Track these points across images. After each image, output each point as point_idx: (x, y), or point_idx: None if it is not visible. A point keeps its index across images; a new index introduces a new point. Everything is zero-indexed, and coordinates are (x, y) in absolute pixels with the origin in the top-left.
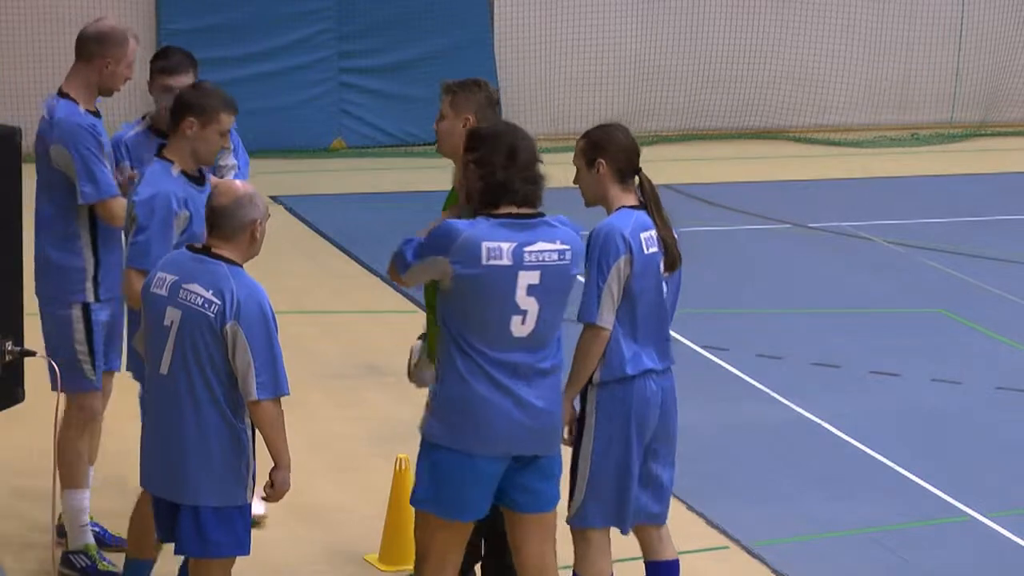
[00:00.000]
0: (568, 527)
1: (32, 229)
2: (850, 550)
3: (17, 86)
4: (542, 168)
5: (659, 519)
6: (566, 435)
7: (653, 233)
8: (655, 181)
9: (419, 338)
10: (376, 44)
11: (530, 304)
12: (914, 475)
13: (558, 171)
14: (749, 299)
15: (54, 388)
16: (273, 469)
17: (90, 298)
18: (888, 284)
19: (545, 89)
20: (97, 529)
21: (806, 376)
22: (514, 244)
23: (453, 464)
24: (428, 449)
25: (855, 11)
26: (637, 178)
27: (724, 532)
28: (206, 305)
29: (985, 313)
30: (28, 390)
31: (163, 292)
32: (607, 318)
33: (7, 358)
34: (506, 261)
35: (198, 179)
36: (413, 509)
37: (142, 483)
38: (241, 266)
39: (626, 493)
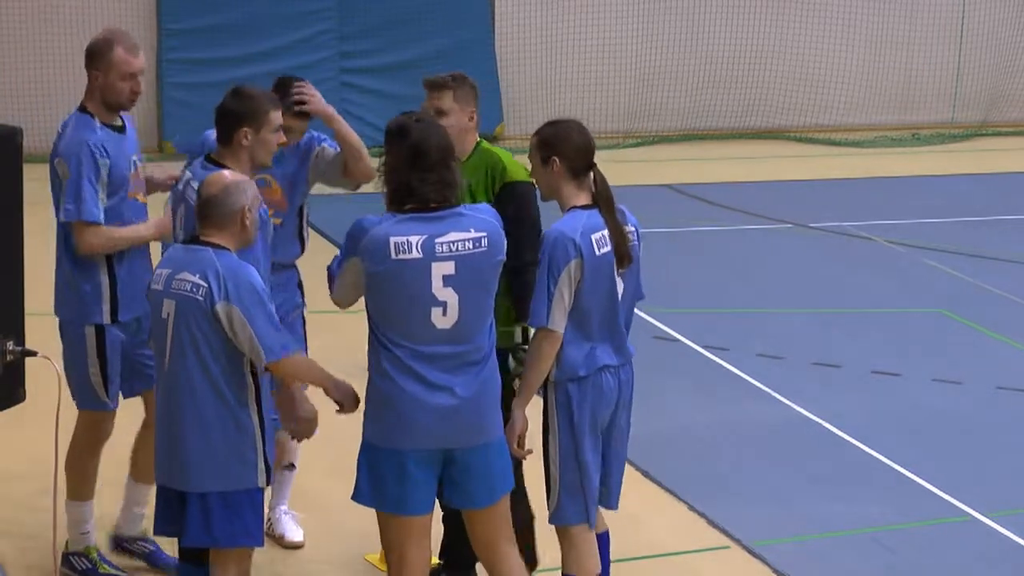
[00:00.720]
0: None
1: (32, 231)
2: (850, 550)
3: (17, 86)
4: (455, 166)
5: (611, 507)
6: (515, 448)
7: (605, 233)
8: (657, 181)
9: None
10: (377, 44)
11: (448, 295)
12: (914, 475)
13: None
14: (750, 299)
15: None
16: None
17: (105, 320)
18: (889, 284)
19: (546, 89)
20: (152, 547)
21: (807, 376)
22: (423, 237)
23: (385, 461)
24: (363, 447)
25: (856, 11)
26: (592, 175)
27: (724, 532)
28: (194, 290)
29: (986, 313)
30: (29, 390)
31: (160, 286)
32: (559, 321)
33: (8, 358)
34: (416, 254)
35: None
36: None
37: (155, 478)
38: (229, 251)
39: (592, 487)
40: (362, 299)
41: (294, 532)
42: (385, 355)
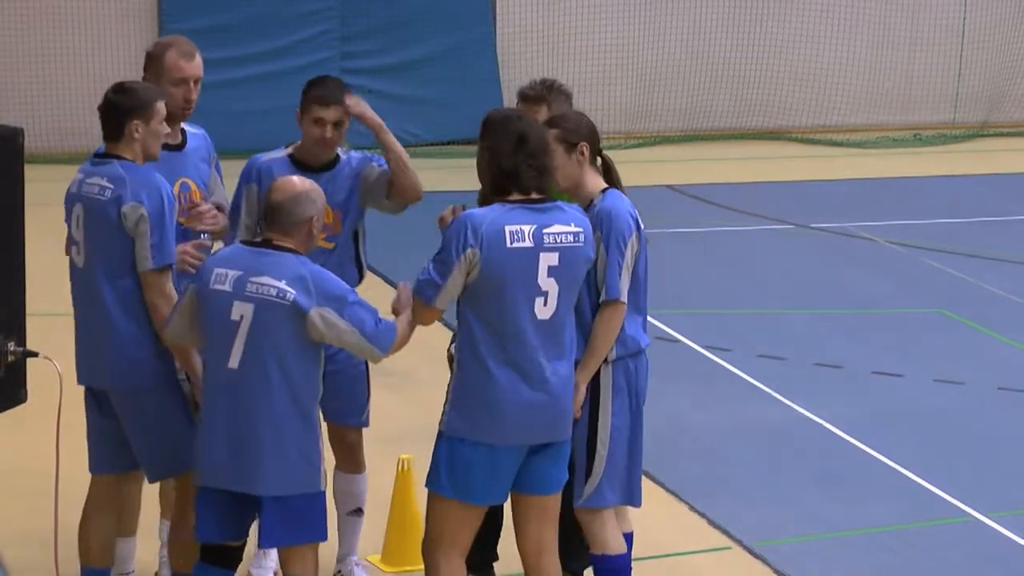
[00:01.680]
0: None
1: (32, 230)
2: (851, 550)
3: (19, 86)
4: (551, 158)
5: (638, 504)
6: (576, 416)
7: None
8: (658, 182)
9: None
10: (378, 45)
11: (551, 285)
12: (916, 475)
13: None
14: (751, 299)
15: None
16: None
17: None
18: (890, 284)
19: None
20: None
21: (808, 376)
22: (534, 226)
23: (473, 455)
24: (447, 439)
25: (858, 12)
26: (600, 160)
27: (726, 532)
28: (280, 295)
29: (987, 313)
30: (31, 391)
31: (227, 287)
32: (626, 294)
33: (10, 359)
34: (528, 243)
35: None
36: (415, 509)
37: (203, 481)
38: (306, 256)
39: (638, 467)
40: None
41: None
42: (484, 346)
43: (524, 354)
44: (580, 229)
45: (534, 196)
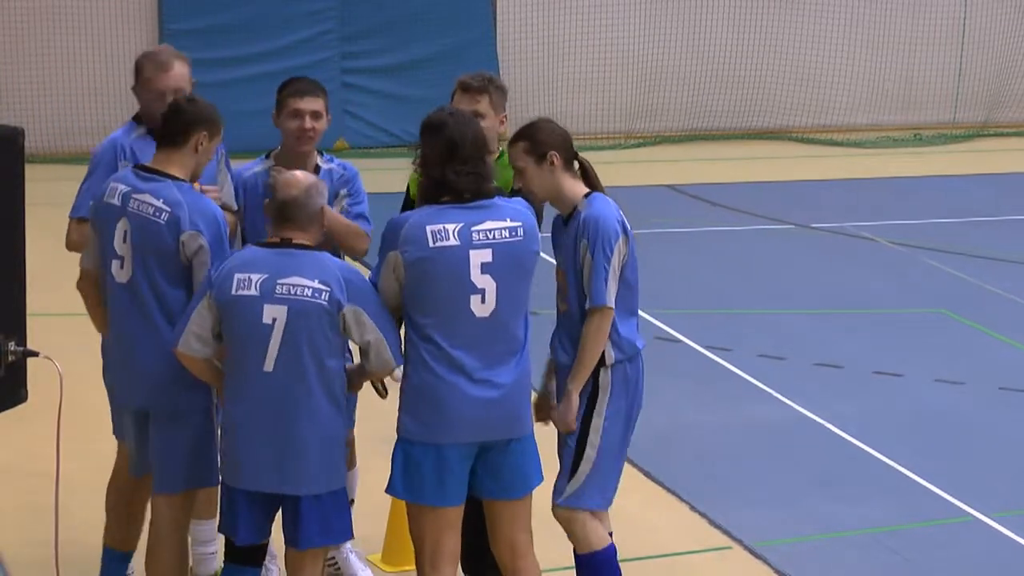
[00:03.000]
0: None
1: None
2: (852, 550)
3: (19, 86)
4: (489, 160)
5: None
6: (565, 425)
7: None
8: (658, 181)
9: None
10: (379, 45)
11: (486, 282)
12: (916, 475)
13: None
14: (752, 299)
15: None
16: None
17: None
18: (891, 284)
19: (548, 89)
20: None
21: (808, 376)
22: (460, 224)
23: (423, 455)
24: (400, 441)
25: (858, 11)
26: (577, 163)
27: (726, 532)
28: (316, 295)
29: (988, 313)
30: (31, 390)
31: (255, 292)
32: (613, 299)
33: (10, 358)
34: (453, 241)
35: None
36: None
37: (240, 483)
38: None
39: (620, 471)
40: None
41: (365, 572)
42: (425, 347)
43: (465, 352)
44: (518, 223)
45: (466, 196)
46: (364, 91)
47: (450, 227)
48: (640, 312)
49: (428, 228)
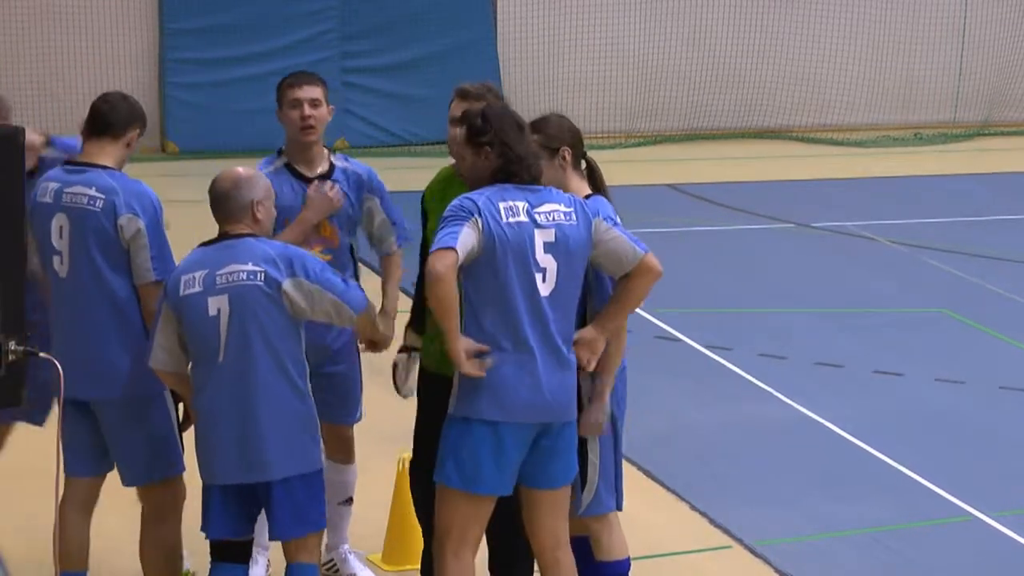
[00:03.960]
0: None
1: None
2: (852, 549)
3: (19, 85)
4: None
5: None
6: (598, 428)
7: None
8: (659, 181)
9: (401, 351)
10: (379, 44)
11: (548, 262)
12: (916, 474)
13: None
14: (752, 299)
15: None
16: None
17: None
18: (891, 284)
19: (548, 89)
20: None
21: (809, 376)
22: (526, 203)
23: (476, 435)
24: (452, 423)
25: (858, 11)
26: (584, 163)
27: (727, 531)
28: (252, 277)
29: (988, 313)
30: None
31: (198, 288)
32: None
33: (11, 358)
34: (523, 217)
35: None
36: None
37: (214, 480)
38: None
39: (621, 468)
40: None
41: (364, 572)
42: (489, 322)
43: (526, 330)
44: (571, 209)
45: (526, 180)
46: (365, 90)
47: (519, 204)
48: (640, 311)
49: (501, 204)
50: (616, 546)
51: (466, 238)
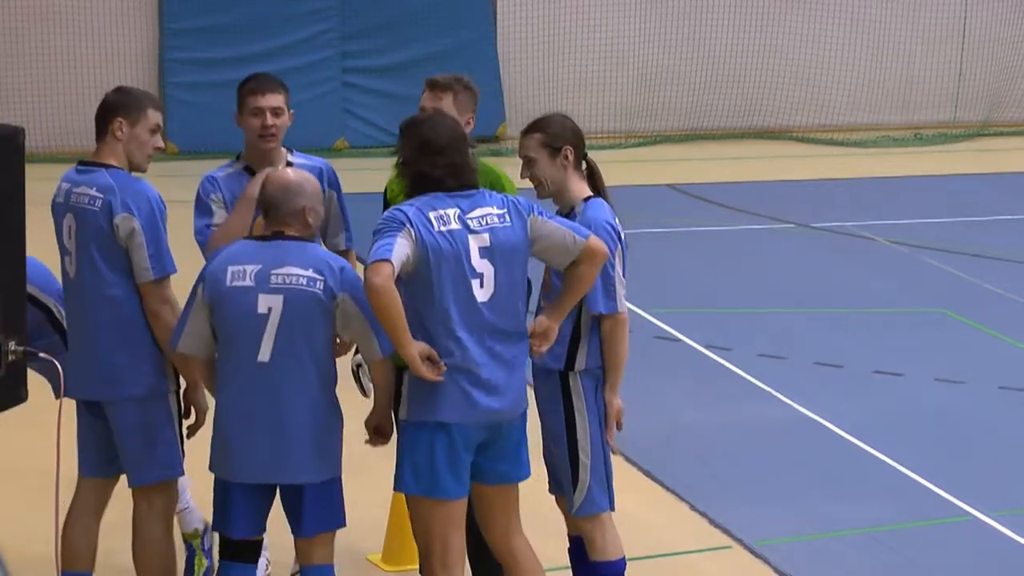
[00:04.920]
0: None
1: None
2: (852, 549)
3: (19, 85)
4: (468, 152)
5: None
6: (611, 434)
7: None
8: (659, 181)
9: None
10: (379, 44)
11: (485, 267)
12: (916, 474)
13: None
14: (752, 299)
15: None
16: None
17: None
18: (890, 284)
19: (548, 89)
20: None
21: (809, 376)
22: (457, 210)
23: (430, 439)
24: (404, 430)
25: (858, 11)
26: (585, 164)
27: (726, 531)
28: (311, 283)
29: (988, 313)
30: (31, 390)
31: (250, 283)
32: (624, 304)
33: (11, 358)
34: (455, 225)
35: None
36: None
37: (239, 477)
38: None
39: (611, 472)
40: None
41: None
42: (432, 329)
43: (467, 336)
44: (504, 210)
45: (450, 185)
46: (364, 90)
47: (450, 212)
48: (640, 311)
49: (431, 214)
50: (611, 546)
51: (400, 249)
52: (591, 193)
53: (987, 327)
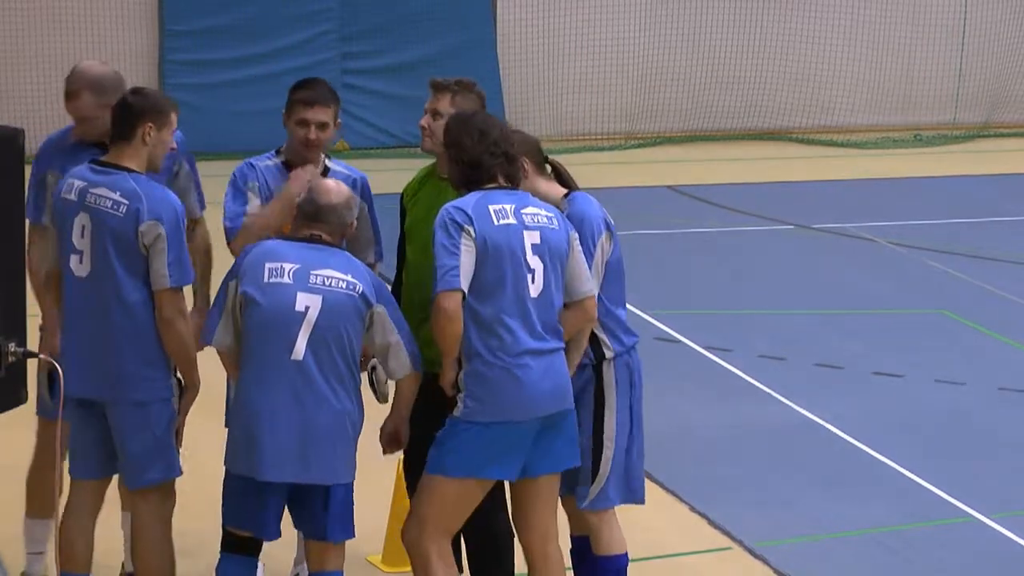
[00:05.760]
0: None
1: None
2: (852, 551)
3: (20, 87)
4: (514, 147)
5: (642, 500)
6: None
7: None
8: (659, 182)
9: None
10: (379, 45)
11: (536, 263)
12: (916, 476)
13: None
14: (752, 300)
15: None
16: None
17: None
18: (890, 285)
19: (548, 90)
20: None
21: (809, 377)
22: (513, 205)
23: (494, 435)
24: (456, 425)
25: (858, 12)
26: (548, 165)
27: (727, 533)
28: (350, 288)
29: (988, 314)
30: (31, 391)
31: (288, 280)
32: (596, 290)
33: (10, 359)
34: (512, 219)
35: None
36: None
37: (263, 476)
38: None
39: (640, 463)
40: None
41: None
42: (487, 335)
43: (521, 329)
44: (552, 214)
45: (504, 183)
46: (364, 92)
47: (507, 207)
48: (640, 313)
49: (491, 207)
50: (615, 541)
51: (466, 267)
52: (564, 190)
53: (987, 328)
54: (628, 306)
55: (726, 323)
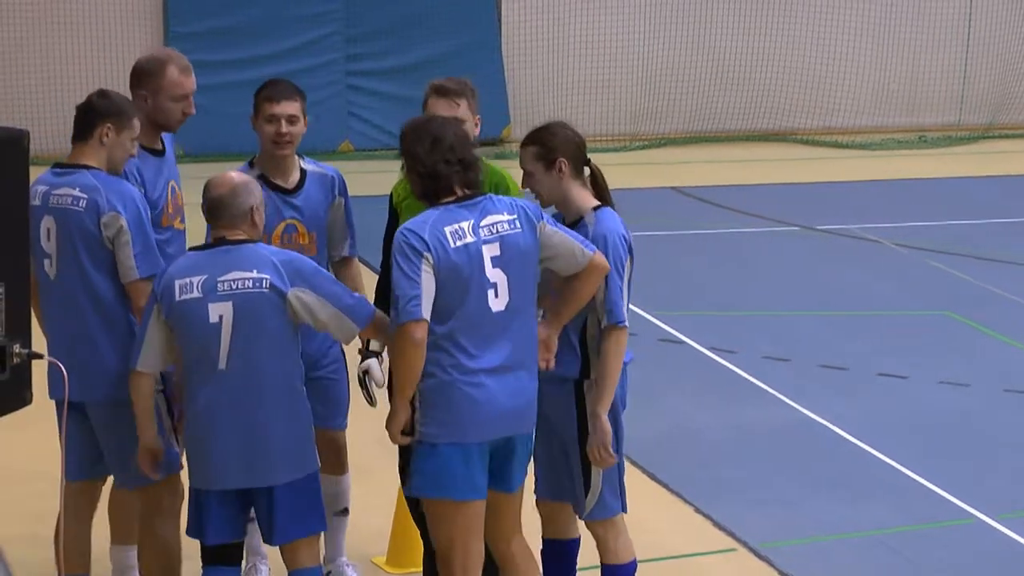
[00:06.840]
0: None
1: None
2: (856, 552)
3: (24, 88)
4: (474, 153)
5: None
6: (605, 456)
7: None
8: (663, 183)
9: (367, 357)
10: (383, 47)
11: (498, 276)
12: (920, 477)
13: None
14: (756, 301)
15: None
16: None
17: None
18: (895, 286)
19: (552, 91)
20: None
21: (813, 378)
22: (471, 221)
23: (450, 454)
24: (422, 445)
25: (863, 13)
26: (587, 170)
27: (731, 534)
28: (257, 284)
29: (992, 315)
30: (35, 393)
31: (198, 294)
32: (626, 316)
33: (15, 360)
34: (470, 237)
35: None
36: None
37: (211, 485)
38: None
39: (623, 474)
40: None
41: None
42: (444, 349)
43: (486, 349)
44: (514, 216)
45: (463, 193)
46: (369, 93)
47: (464, 224)
48: (644, 314)
49: (447, 229)
50: (623, 549)
51: (427, 294)
52: (597, 202)
53: (992, 330)
54: (632, 306)
55: (730, 324)
